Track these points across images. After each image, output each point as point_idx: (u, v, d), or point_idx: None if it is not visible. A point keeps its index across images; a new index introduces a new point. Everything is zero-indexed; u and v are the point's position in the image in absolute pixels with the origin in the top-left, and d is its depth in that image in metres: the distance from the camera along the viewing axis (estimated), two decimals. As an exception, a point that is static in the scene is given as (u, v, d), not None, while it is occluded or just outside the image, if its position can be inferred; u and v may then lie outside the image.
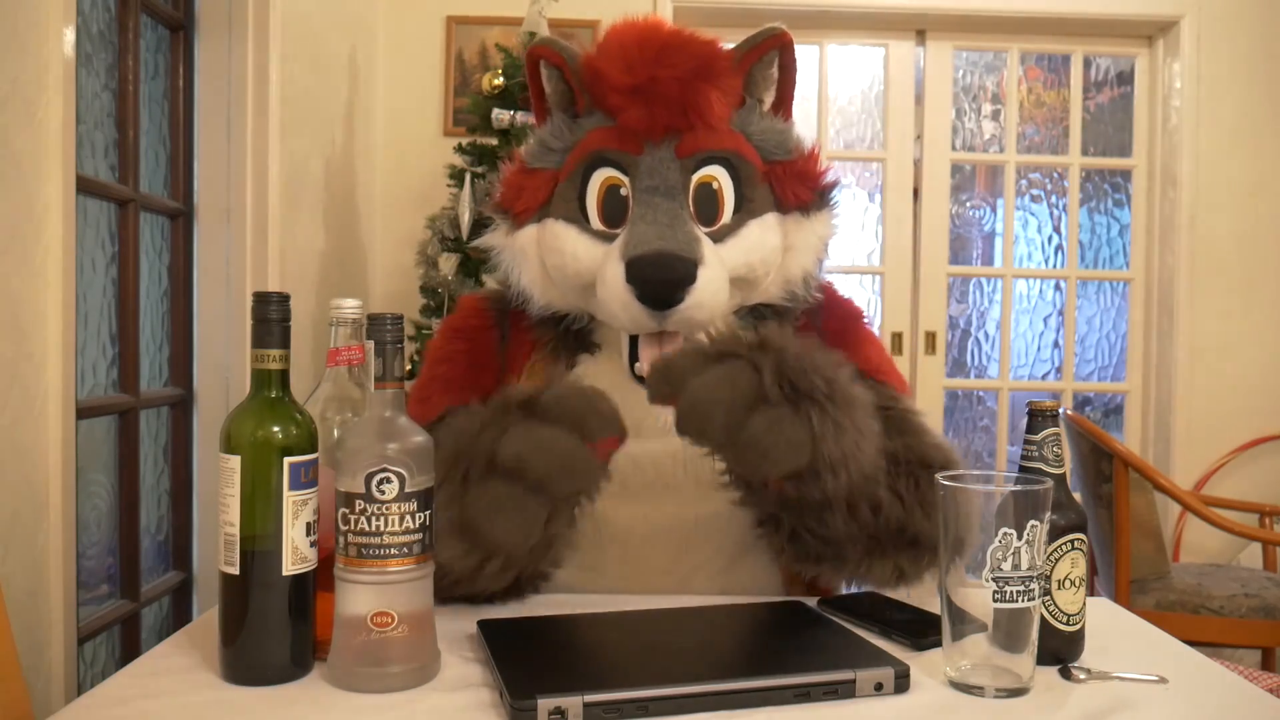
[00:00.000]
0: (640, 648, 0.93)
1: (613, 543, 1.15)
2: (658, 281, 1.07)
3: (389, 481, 0.82)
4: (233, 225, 2.03)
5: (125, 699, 0.81)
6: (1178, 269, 3.26)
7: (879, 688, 0.83)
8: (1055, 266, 3.61)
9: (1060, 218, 3.57)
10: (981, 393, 3.74)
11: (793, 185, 1.18)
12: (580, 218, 1.16)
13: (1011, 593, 0.82)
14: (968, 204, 3.71)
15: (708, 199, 1.16)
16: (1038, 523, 0.83)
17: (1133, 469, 2.45)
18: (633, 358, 1.15)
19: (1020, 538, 0.82)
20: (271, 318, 0.85)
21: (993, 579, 0.82)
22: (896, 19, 3.31)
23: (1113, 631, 1.01)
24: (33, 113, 1.32)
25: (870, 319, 1.35)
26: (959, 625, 0.85)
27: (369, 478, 0.81)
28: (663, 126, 1.15)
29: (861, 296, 3.46)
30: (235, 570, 0.83)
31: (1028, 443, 0.93)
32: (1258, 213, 3.27)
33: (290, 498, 0.84)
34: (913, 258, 3.40)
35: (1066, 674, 0.88)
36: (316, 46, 2.47)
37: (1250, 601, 2.40)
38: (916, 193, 3.41)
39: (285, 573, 0.83)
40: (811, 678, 0.82)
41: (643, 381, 1.12)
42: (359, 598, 0.82)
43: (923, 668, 0.88)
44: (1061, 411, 2.77)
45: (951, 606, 0.85)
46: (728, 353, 0.95)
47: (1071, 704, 0.83)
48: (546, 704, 0.76)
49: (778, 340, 0.97)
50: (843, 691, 0.82)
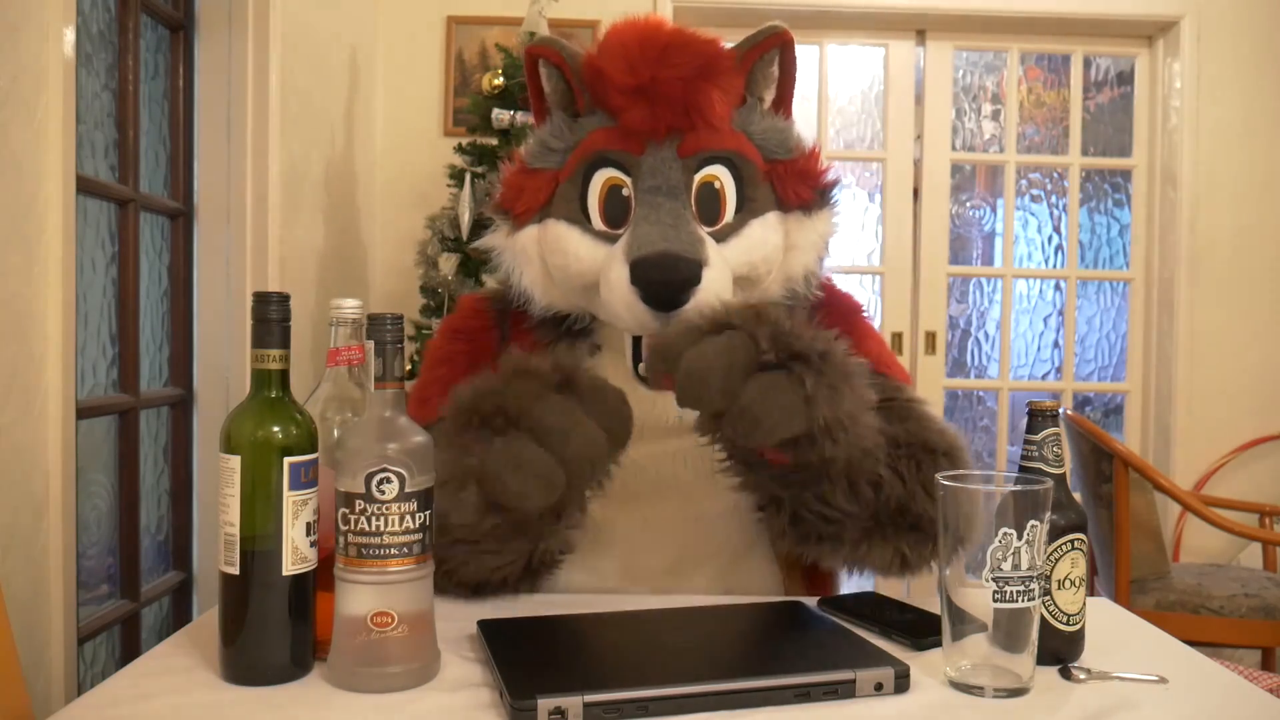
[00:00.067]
0: (640, 648, 0.93)
1: (613, 543, 1.15)
2: (663, 283, 1.07)
3: (389, 481, 0.82)
4: (233, 225, 2.03)
5: (125, 699, 0.81)
6: (1178, 269, 3.26)
7: (879, 688, 0.83)
8: (1055, 266, 3.61)
9: (1060, 218, 3.57)
10: (981, 393, 3.74)
11: (794, 184, 1.18)
12: (582, 218, 1.16)
13: (1011, 593, 0.82)
14: (968, 204, 3.70)
15: (710, 199, 1.16)
16: (1038, 523, 0.83)
17: (1133, 469, 2.45)
18: (635, 358, 1.15)
19: (1020, 538, 0.82)
20: (271, 318, 0.85)
21: (993, 579, 0.82)
22: (896, 19, 3.30)
23: (1113, 631, 1.01)
24: (32, 112, 1.32)
25: (870, 314, 1.35)
26: (959, 625, 0.85)
27: (369, 478, 0.81)
28: (665, 126, 1.15)
29: (862, 296, 3.43)
30: (235, 570, 0.83)
31: (1028, 443, 0.93)
32: (1258, 213, 3.27)
33: (290, 498, 0.84)
34: (913, 258, 3.40)
35: (1066, 674, 0.88)
36: (316, 46, 2.47)
37: (1250, 601, 2.40)
38: (916, 193, 3.41)
39: (285, 573, 0.84)
40: (811, 678, 0.82)
41: (645, 381, 1.12)
42: (359, 598, 0.82)
43: (923, 668, 0.88)
44: (1061, 411, 2.76)
45: (951, 606, 0.85)
46: (723, 324, 0.97)
47: (1071, 704, 0.83)
48: (546, 704, 0.76)
49: (772, 312, 0.98)
50: (843, 691, 0.82)
